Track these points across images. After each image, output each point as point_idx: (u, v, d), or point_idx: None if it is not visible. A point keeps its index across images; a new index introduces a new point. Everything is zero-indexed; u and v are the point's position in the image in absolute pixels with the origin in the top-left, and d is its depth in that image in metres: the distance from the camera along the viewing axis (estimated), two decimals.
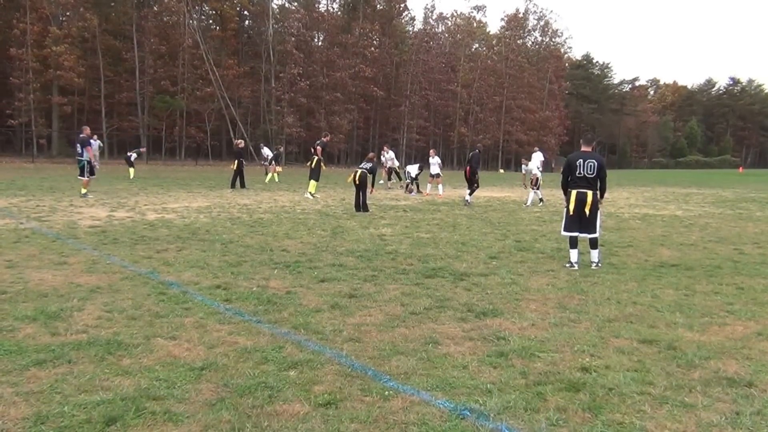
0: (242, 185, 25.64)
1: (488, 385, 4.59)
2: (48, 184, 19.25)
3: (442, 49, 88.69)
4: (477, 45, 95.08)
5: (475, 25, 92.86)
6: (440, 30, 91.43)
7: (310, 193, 22.06)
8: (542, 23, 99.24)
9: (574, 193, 9.60)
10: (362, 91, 73.08)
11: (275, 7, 71.02)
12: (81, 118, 59.89)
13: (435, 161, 25.79)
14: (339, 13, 78.29)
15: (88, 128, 20.21)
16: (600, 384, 4.65)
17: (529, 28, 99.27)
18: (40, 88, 54.26)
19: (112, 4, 59.67)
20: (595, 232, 9.64)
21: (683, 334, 6.02)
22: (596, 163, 9.52)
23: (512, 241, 12.45)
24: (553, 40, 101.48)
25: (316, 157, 21.75)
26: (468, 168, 21.91)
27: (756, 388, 4.67)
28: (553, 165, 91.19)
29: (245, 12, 70.78)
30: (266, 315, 6.41)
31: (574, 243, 9.66)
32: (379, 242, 11.79)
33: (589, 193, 9.53)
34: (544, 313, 6.68)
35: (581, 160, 9.54)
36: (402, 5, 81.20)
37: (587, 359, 5.19)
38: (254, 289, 7.56)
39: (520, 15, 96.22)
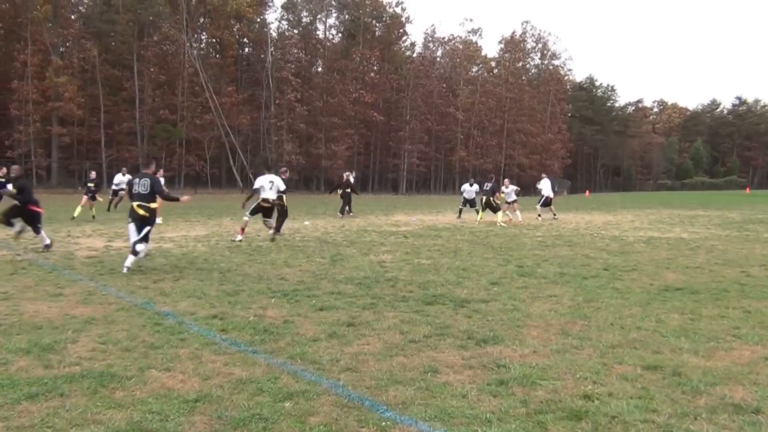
0: (349, 210, 27.85)
1: (488, 415, 4.49)
2: (46, 215, 19.13)
3: (441, 74, 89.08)
4: (476, 68, 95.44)
5: (472, 48, 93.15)
6: (439, 54, 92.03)
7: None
8: (540, 45, 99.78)
9: (135, 204, 11.30)
10: (362, 116, 73.39)
11: (274, 34, 71.49)
12: (80, 148, 60.20)
13: (512, 188, 25.23)
14: (338, 39, 78.81)
15: None
16: (603, 412, 4.54)
17: (528, 50, 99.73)
18: (39, 120, 54.52)
19: (112, 34, 60.04)
20: (146, 241, 11.33)
21: (689, 359, 5.91)
22: (149, 181, 11.38)
23: (514, 266, 12.33)
24: (552, 62, 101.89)
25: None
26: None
27: (763, 414, 4.56)
28: (555, 188, 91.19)
29: (245, 40, 71.25)
30: (262, 345, 6.32)
31: (135, 251, 11.16)
32: (379, 269, 11.69)
33: (150, 205, 11.31)
34: (546, 340, 6.57)
35: (137, 179, 11.54)
36: (401, 30, 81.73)
37: (590, 387, 5.08)
38: (251, 318, 7.46)
39: (518, 37, 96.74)
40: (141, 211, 11.23)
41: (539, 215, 26.92)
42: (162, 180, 20.47)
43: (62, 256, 13.06)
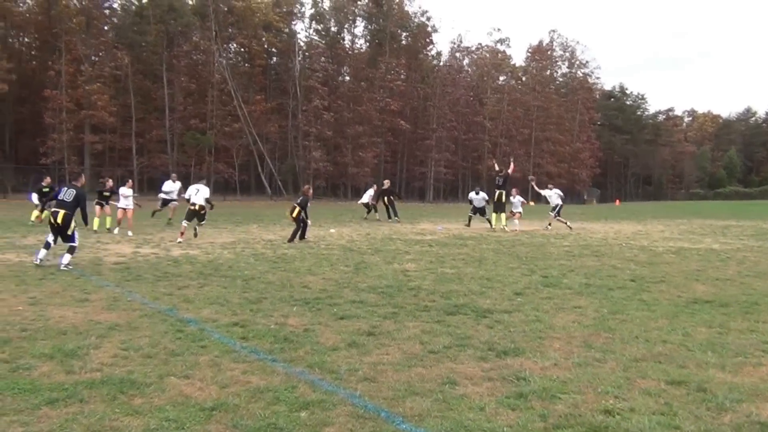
0: (395, 214, 29.83)
1: (505, 429, 4.43)
2: (77, 221, 19.39)
3: (468, 82, 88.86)
4: (503, 77, 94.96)
5: (500, 56, 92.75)
6: (466, 63, 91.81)
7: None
8: (568, 54, 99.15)
9: (52, 210, 12.58)
10: (389, 124, 73.41)
11: (302, 43, 71.92)
12: (112, 155, 61.03)
13: (518, 199, 25.45)
14: (365, 48, 79.05)
15: None
16: (623, 428, 4.46)
17: (556, 58, 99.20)
18: (73, 128, 55.36)
19: (143, 44, 60.83)
20: (74, 242, 12.50)
21: (715, 374, 5.77)
22: (75, 192, 12.64)
23: (539, 276, 12.20)
24: (581, 70, 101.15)
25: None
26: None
27: None
28: (585, 197, 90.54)
29: (273, 49, 71.72)
30: (282, 353, 6.31)
31: (48, 245, 12.61)
32: (402, 278, 11.64)
33: (61, 212, 12.36)
34: (568, 352, 6.47)
35: (65, 189, 12.76)
36: (427, 40, 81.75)
37: (611, 401, 4.99)
38: (272, 326, 7.47)
39: (545, 46, 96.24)
40: (52, 219, 12.51)
41: (567, 224, 26.43)
42: (130, 191, 20.63)
43: (91, 262, 13.23)
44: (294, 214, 18.47)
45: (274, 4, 69.24)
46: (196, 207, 18.35)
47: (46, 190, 23.44)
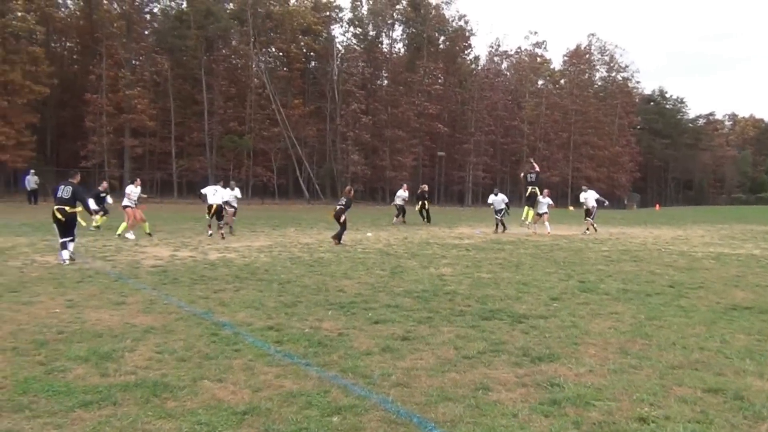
0: (428, 220, 30.87)
1: None
2: (117, 224, 19.79)
3: (506, 86, 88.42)
4: (542, 81, 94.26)
5: (539, 60, 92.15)
6: (504, 67, 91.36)
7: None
8: (607, 58, 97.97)
9: (55, 208, 13.20)
10: (427, 128, 73.32)
11: (340, 47, 72.20)
12: (152, 159, 61.79)
13: (546, 201, 25.43)
14: (403, 52, 79.05)
15: None
16: None
17: (594, 62, 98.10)
18: (113, 131, 56.14)
19: (183, 48, 61.46)
20: (73, 236, 13.48)
21: (752, 382, 5.65)
22: (71, 188, 13.36)
23: (576, 281, 12.06)
24: (620, 74, 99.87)
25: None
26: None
27: None
28: (625, 201, 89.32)
29: (311, 53, 72.07)
30: (315, 358, 6.32)
31: (64, 246, 13.32)
32: (438, 282, 11.60)
33: (67, 208, 13.26)
34: (604, 359, 6.39)
35: (62, 186, 13.44)
36: (465, 43, 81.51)
37: (646, 409, 4.91)
38: (306, 330, 7.48)
39: (583, 50, 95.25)
40: (59, 215, 13.23)
41: (594, 227, 26.16)
42: (138, 190, 20.45)
43: (128, 265, 13.40)
44: (341, 219, 18.77)
45: (313, 8, 69.64)
46: (213, 206, 19.95)
47: (104, 195, 22.99)
